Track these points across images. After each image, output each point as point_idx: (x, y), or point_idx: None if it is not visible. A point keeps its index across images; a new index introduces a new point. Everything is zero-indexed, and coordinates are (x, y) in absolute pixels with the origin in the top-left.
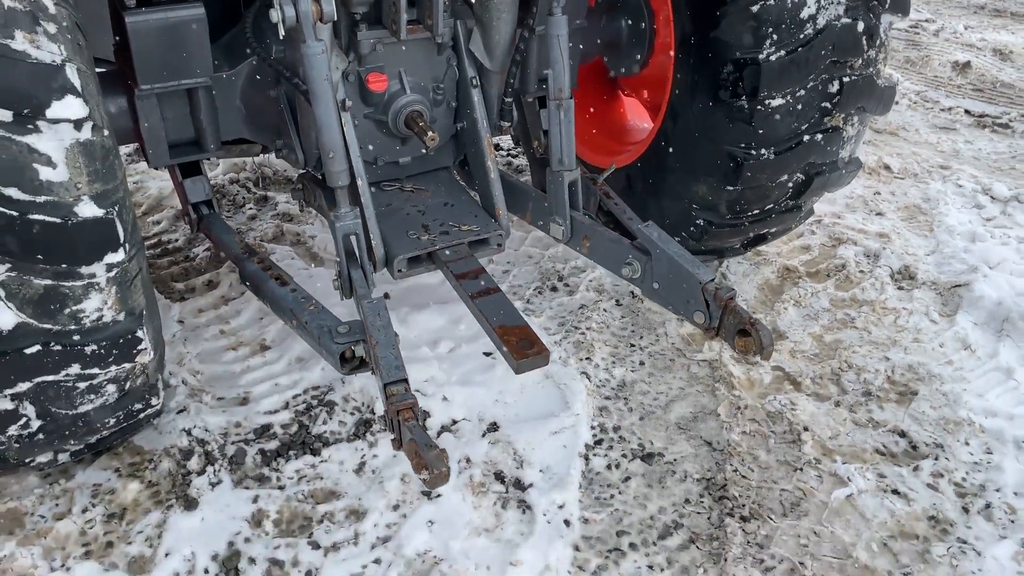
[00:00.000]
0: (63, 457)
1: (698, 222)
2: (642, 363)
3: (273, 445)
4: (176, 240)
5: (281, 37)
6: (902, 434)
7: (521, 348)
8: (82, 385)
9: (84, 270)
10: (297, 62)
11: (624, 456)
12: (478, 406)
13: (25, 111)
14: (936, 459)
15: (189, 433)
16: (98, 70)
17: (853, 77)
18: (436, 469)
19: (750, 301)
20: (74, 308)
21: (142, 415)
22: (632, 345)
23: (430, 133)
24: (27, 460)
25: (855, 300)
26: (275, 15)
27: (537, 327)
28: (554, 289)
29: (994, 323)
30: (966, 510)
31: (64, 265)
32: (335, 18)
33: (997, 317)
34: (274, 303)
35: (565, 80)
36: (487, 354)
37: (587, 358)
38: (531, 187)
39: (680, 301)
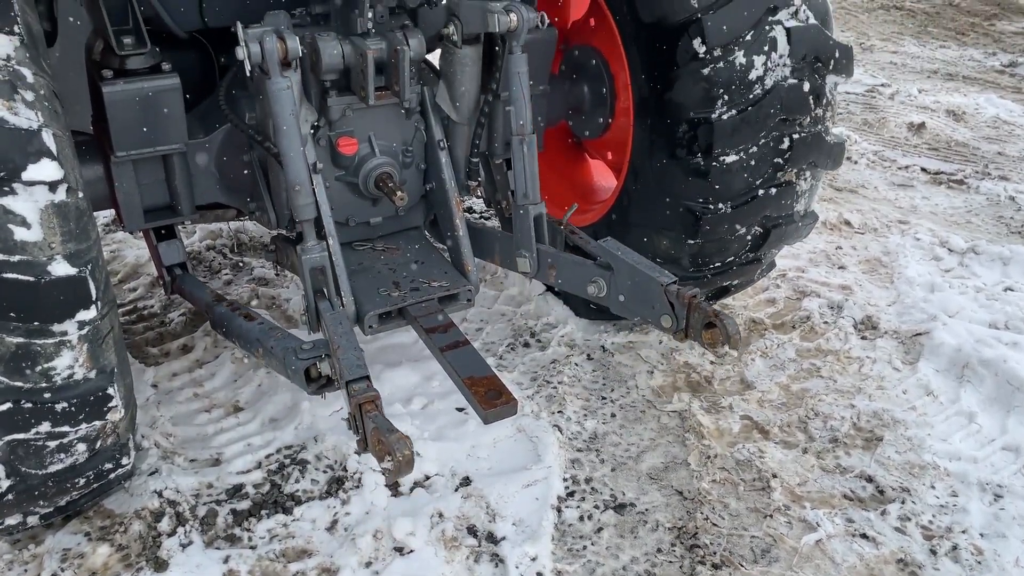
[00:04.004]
0: (32, 520)
1: None
2: (613, 415)
3: (245, 505)
4: (152, 306)
5: (248, 74)
6: (869, 479)
7: (489, 398)
8: (52, 444)
9: (56, 328)
10: (263, 99)
11: (596, 507)
12: (451, 461)
13: (1, 174)
14: (903, 503)
15: (160, 495)
16: (76, 140)
17: (802, 134)
18: (399, 453)
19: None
20: (45, 366)
21: (112, 475)
22: (603, 398)
23: (399, 193)
24: None
25: (820, 350)
26: (241, 52)
27: (510, 382)
28: (526, 345)
29: (955, 369)
30: (934, 552)
31: (36, 323)
32: (299, 55)
33: (957, 363)
34: (242, 338)
35: (527, 115)
36: (460, 409)
37: (559, 411)
38: (496, 230)
39: (646, 308)
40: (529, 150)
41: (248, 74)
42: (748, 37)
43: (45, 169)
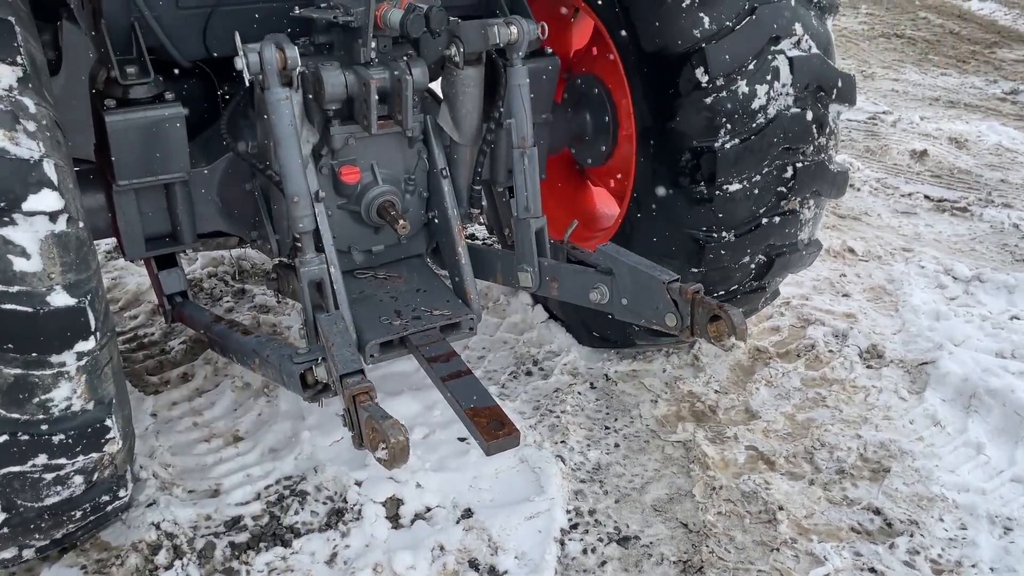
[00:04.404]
0: (28, 553)
1: None
2: (617, 445)
3: (243, 537)
4: (152, 334)
5: (247, 84)
6: (877, 511)
7: (491, 429)
8: (49, 476)
9: (54, 359)
10: (264, 119)
11: (600, 540)
12: (452, 492)
13: (1, 204)
14: (911, 536)
15: (158, 527)
16: (79, 168)
17: (806, 163)
18: (393, 438)
19: (722, 382)
20: (43, 397)
21: (109, 508)
22: (607, 427)
23: (401, 222)
24: None
25: (825, 379)
26: (239, 62)
27: (512, 411)
28: (529, 373)
29: (961, 399)
30: None
31: (34, 354)
32: (299, 65)
33: (964, 393)
34: (239, 352)
35: (527, 128)
36: (462, 439)
37: (562, 441)
38: (497, 248)
39: (649, 309)
40: (530, 163)
41: (247, 83)
42: (751, 67)
43: (46, 199)
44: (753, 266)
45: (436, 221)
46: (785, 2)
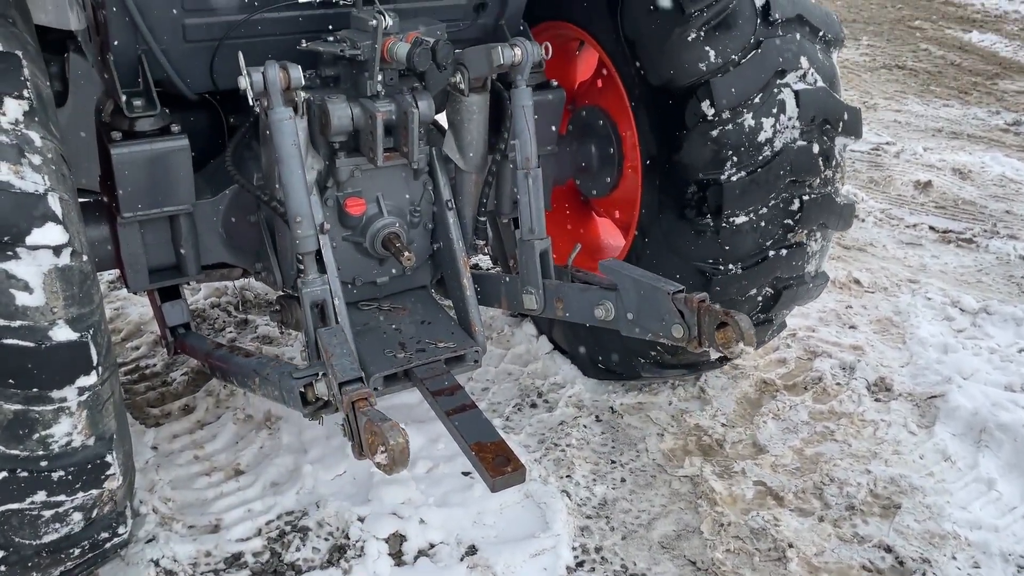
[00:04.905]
0: None
1: None
2: (623, 480)
3: (244, 575)
4: (154, 365)
5: (251, 104)
6: (888, 549)
7: (497, 465)
8: (47, 513)
9: (55, 394)
10: (267, 145)
11: None
12: (456, 528)
13: (5, 238)
14: (924, 575)
15: (157, 564)
16: (84, 200)
17: (812, 195)
18: (392, 440)
19: (729, 415)
20: (43, 433)
21: (108, 545)
22: (613, 462)
23: (406, 253)
24: None
25: (833, 412)
26: (243, 82)
27: (516, 445)
28: (533, 406)
29: (972, 433)
30: None
31: (35, 389)
32: (302, 84)
33: (974, 427)
34: (239, 374)
35: (531, 149)
36: (466, 473)
37: (567, 476)
38: (500, 273)
39: (655, 321)
40: (534, 184)
41: (252, 104)
42: (757, 100)
43: (50, 233)
44: (760, 299)
45: (441, 252)
46: (791, 36)
